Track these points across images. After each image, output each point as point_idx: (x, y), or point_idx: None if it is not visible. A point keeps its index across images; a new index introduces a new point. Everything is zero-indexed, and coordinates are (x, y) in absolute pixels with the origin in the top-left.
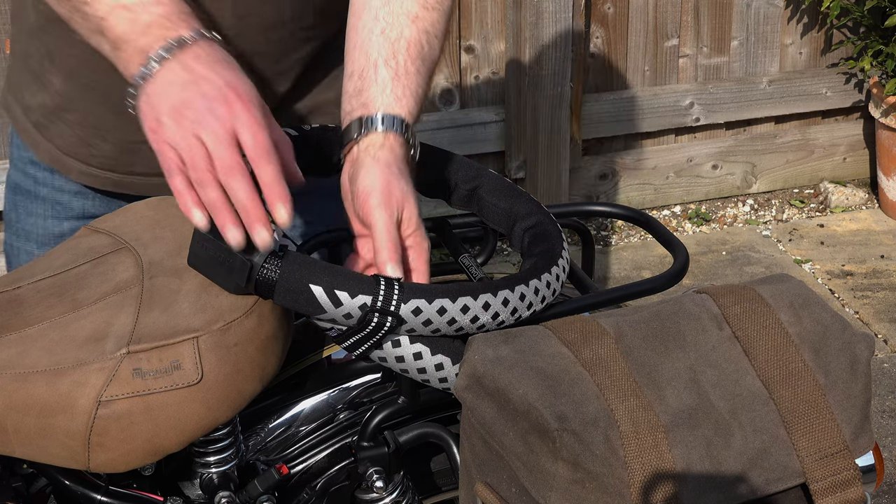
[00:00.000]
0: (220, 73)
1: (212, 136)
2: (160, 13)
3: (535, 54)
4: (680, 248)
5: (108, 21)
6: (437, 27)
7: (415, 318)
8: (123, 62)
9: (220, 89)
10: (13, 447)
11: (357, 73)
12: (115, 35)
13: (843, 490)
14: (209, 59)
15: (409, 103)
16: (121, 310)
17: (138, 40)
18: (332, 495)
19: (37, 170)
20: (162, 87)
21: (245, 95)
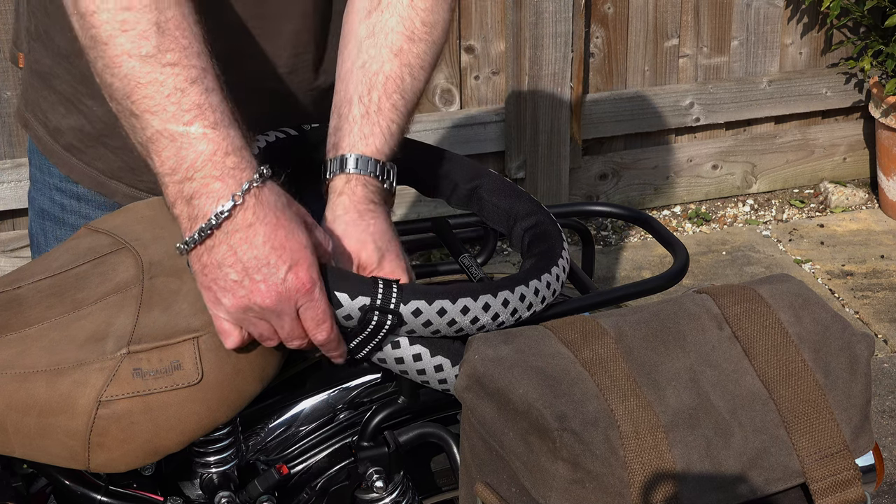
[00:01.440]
0: (275, 250)
1: (277, 327)
2: (207, 151)
3: (535, 54)
4: (680, 248)
5: (154, 145)
6: (423, 59)
7: (415, 319)
8: (169, 198)
9: (277, 284)
10: (13, 447)
11: (336, 109)
12: (161, 167)
13: (843, 490)
14: (260, 229)
15: (375, 141)
16: (121, 310)
17: (183, 186)
18: (332, 495)
19: (63, 197)
20: (214, 264)
21: (304, 274)
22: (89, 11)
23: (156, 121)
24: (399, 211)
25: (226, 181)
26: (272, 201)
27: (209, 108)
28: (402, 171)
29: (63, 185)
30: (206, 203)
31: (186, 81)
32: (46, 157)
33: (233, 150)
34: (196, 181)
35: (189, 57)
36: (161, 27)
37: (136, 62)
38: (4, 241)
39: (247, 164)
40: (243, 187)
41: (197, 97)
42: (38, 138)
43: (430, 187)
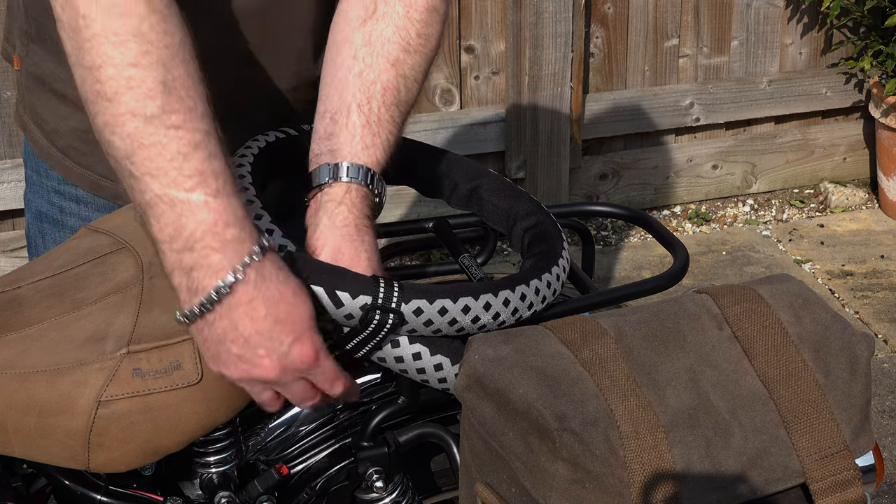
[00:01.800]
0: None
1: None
2: (208, 221)
3: (535, 54)
4: (680, 248)
5: (153, 210)
6: (416, 70)
7: (416, 318)
8: (167, 266)
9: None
10: (13, 447)
11: (330, 114)
12: (160, 234)
13: (842, 490)
14: (262, 304)
15: (377, 153)
16: (121, 310)
17: (182, 256)
18: (332, 495)
19: (62, 199)
20: (216, 339)
21: (308, 346)
22: (95, 65)
23: (156, 185)
24: (399, 211)
25: (226, 254)
26: (274, 274)
27: (211, 175)
28: (402, 171)
29: (62, 187)
30: (206, 276)
31: (189, 146)
32: (44, 159)
33: (234, 221)
34: (195, 252)
35: (194, 119)
36: (167, 86)
37: (140, 122)
38: (4, 241)
39: (248, 235)
40: (244, 261)
41: (199, 163)
42: (34, 141)
43: (430, 187)
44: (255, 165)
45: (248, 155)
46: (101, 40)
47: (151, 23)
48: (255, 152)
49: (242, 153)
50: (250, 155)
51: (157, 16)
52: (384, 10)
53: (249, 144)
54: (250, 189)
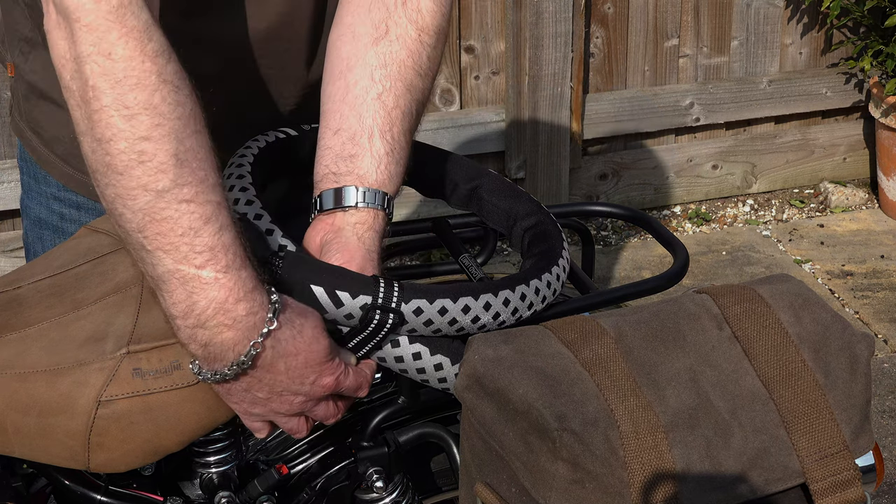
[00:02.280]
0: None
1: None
2: (219, 298)
3: (535, 54)
4: (680, 248)
5: (165, 285)
6: (425, 95)
7: (416, 318)
8: (181, 338)
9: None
10: (13, 447)
11: (347, 133)
12: (172, 308)
13: (842, 490)
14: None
15: (395, 182)
16: (121, 310)
17: (196, 332)
18: (332, 495)
19: (62, 206)
20: (240, 391)
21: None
22: (105, 138)
23: (168, 260)
24: (399, 211)
25: (238, 330)
26: (288, 333)
27: (221, 250)
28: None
29: (61, 194)
30: (222, 352)
31: (201, 220)
32: (42, 166)
33: (244, 295)
34: (208, 329)
35: (205, 191)
36: (179, 159)
37: (151, 197)
38: (4, 241)
39: (259, 305)
40: (262, 332)
41: (209, 238)
42: (32, 148)
43: (430, 187)
44: (255, 165)
45: (248, 155)
46: (111, 113)
47: (163, 94)
48: (255, 152)
49: (242, 153)
50: (250, 155)
51: (169, 87)
52: (397, 32)
53: (249, 144)
54: (250, 189)
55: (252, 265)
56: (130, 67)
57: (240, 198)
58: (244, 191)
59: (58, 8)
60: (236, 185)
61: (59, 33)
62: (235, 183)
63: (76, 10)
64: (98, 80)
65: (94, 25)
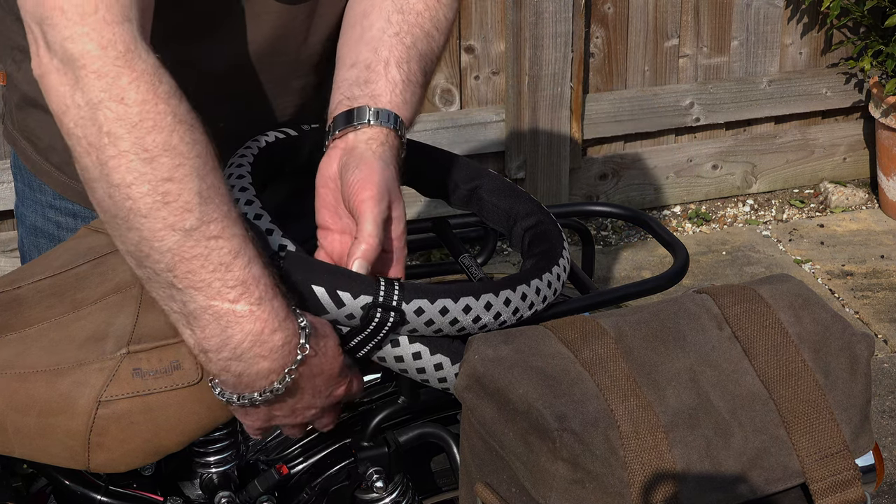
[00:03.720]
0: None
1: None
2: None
3: (535, 54)
4: (680, 248)
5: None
6: (440, 50)
7: (417, 318)
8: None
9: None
10: (13, 447)
11: (362, 63)
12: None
13: (842, 490)
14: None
15: (410, 111)
16: (121, 310)
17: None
18: (332, 495)
19: (58, 214)
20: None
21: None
22: (126, 182)
23: (200, 297)
24: None
25: (274, 360)
26: (314, 355)
27: (253, 283)
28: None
29: (57, 202)
30: (255, 381)
31: (230, 255)
32: (37, 175)
33: (279, 325)
34: (244, 361)
35: (231, 225)
36: (203, 196)
37: (179, 237)
38: (4, 241)
39: (292, 333)
40: (296, 360)
41: (241, 272)
42: (27, 157)
43: (429, 187)
44: (255, 165)
45: (248, 155)
46: (130, 157)
47: (180, 134)
48: (255, 152)
49: (242, 153)
50: (250, 155)
51: (185, 126)
52: None
53: (249, 144)
54: (250, 189)
55: (282, 293)
56: (146, 111)
57: (240, 198)
58: (244, 191)
59: (59, 56)
60: (236, 185)
61: (58, 79)
62: (235, 183)
63: (82, 58)
64: (113, 126)
65: (104, 72)
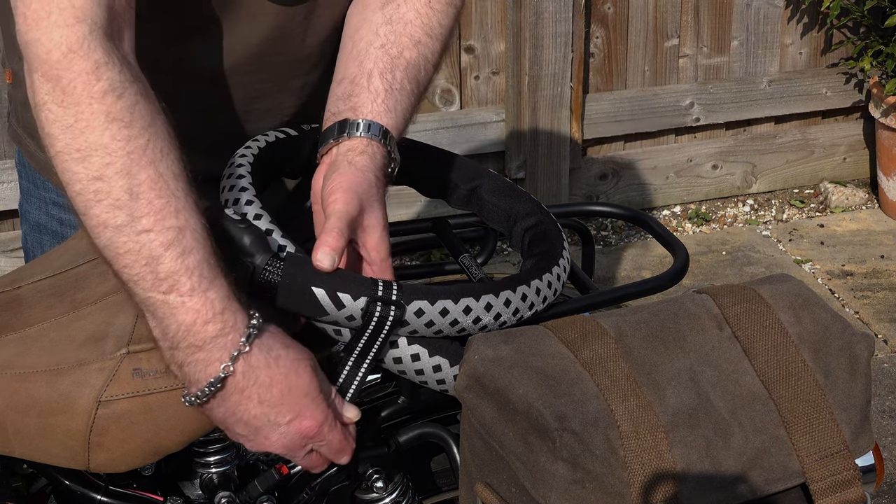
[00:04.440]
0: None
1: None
2: (187, 321)
3: (535, 54)
4: (680, 249)
5: (144, 311)
6: (435, 57)
7: (417, 319)
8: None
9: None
10: (13, 447)
11: (348, 78)
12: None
13: (842, 490)
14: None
15: (397, 118)
16: (121, 310)
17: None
18: (332, 495)
19: (61, 212)
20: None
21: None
22: (65, 181)
23: (138, 290)
24: (399, 211)
25: (209, 351)
26: (262, 361)
27: (185, 274)
28: (402, 171)
29: (61, 199)
30: (197, 372)
31: (161, 247)
32: (41, 172)
33: (213, 316)
34: (181, 351)
35: (165, 218)
36: (133, 193)
37: (112, 233)
38: (4, 241)
39: (231, 326)
40: (232, 354)
41: (171, 263)
42: (30, 154)
43: (430, 187)
44: (255, 165)
45: (247, 155)
46: (65, 157)
47: (112, 133)
48: (255, 152)
49: (242, 153)
50: (250, 155)
51: (118, 124)
52: None
53: (249, 144)
54: (250, 189)
55: (223, 285)
56: (79, 111)
57: (240, 198)
58: (244, 191)
59: (24, 59)
60: (236, 185)
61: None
62: (235, 183)
63: (33, 62)
64: (51, 128)
65: (49, 75)
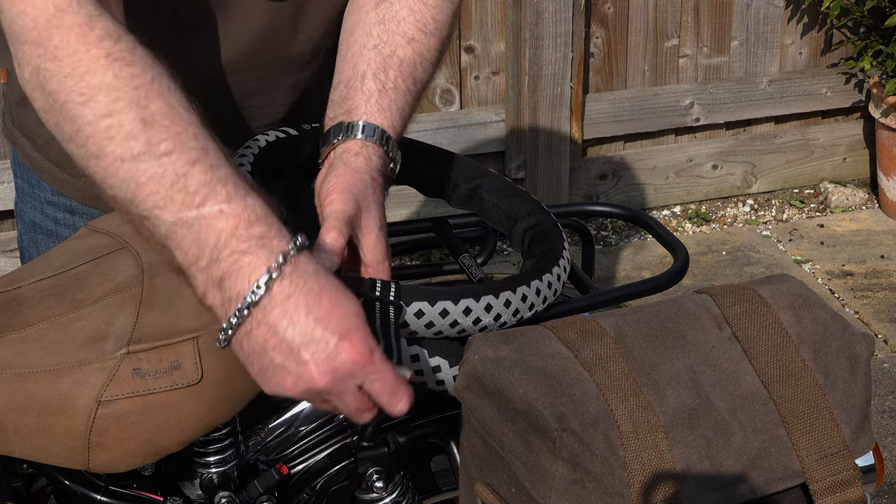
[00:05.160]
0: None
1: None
2: (228, 227)
3: (535, 54)
4: (680, 249)
5: (172, 240)
6: (432, 53)
7: (417, 320)
8: (199, 290)
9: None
10: (13, 447)
11: (343, 82)
12: (185, 259)
13: (842, 490)
14: (301, 299)
15: (392, 118)
16: (121, 310)
17: (211, 271)
18: (332, 495)
19: (56, 210)
20: (256, 350)
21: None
22: (74, 130)
23: (167, 214)
24: (399, 211)
25: (256, 253)
26: (311, 269)
27: (218, 183)
28: (403, 170)
29: (55, 198)
30: (239, 281)
31: (188, 164)
32: (35, 171)
33: (256, 220)
34: (224, 261)
35: (185, 141)
36: (147, 122)
37: (129, 164)
38: (4, 241)
39: (276, 231)
40: (279, 259)
41: (202, 175)
42: (25, 154)
43: (430, 187)
44: (255, 165)
45: (248, 155)
46: (70, 106)
47: (115, 71)
48: (255, 152)
49: (242, 153)
50: (250, 155)
51: (120, 63)
52: None
53: (249, 144)
54: None
55: (259, 195)
56: (77, 59)
57: None
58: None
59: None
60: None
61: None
62: None
63: (21, 34)
64: (53, 84)
65: (38, 40)
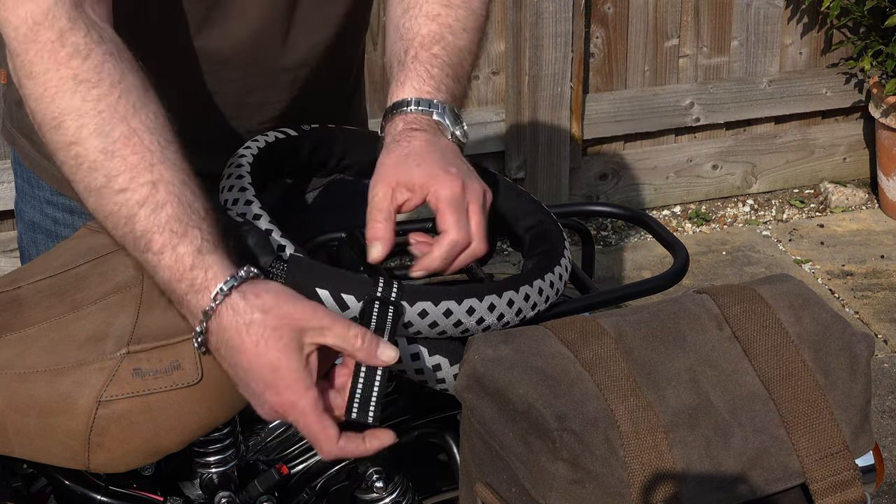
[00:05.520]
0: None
1: None
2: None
3: (535, 54)
4: (680, 249)
5: None
6: (462, 22)
7: (421, 320)
8: None
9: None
10: (13, 447)
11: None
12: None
13: (842, 490)
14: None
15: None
16: (121, 310)
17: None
18: (332, 495)
19: (55, 210)
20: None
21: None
22: (51, 152)
23: (129, 249)
24: None
25: (188, 307)
26: (232, 323)
27: (156, 231)
28: None
29: (54, 198)
30: (190, 319)
31: (137, 205)
32: (34, 171)
33: (182, 274)
34: (174, 303)
35: (139, 175)
36: (108, 152)
37: (95, 197)
38: (4, 241)
39: (201, 284)
40: (201, 319)
41: (144, 221)
42: (25, 154)
43: None
44: (255, 165)
45: (247, 155)
46: (45, 129)
47: (81, 94)
48: (254, 152)
49: (242, 153)
50: (250, 155)
51: (86, 85)
52: None
53: (249, 144)
54: (249, 189)
55: (195, 238)
56: (48, 79)
57: (239, 198)
58: (244, 191)
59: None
60: (236, 185)
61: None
62: (235, 183)
63: (7, 42)
64: (30, 103)
65: (19, 51)
